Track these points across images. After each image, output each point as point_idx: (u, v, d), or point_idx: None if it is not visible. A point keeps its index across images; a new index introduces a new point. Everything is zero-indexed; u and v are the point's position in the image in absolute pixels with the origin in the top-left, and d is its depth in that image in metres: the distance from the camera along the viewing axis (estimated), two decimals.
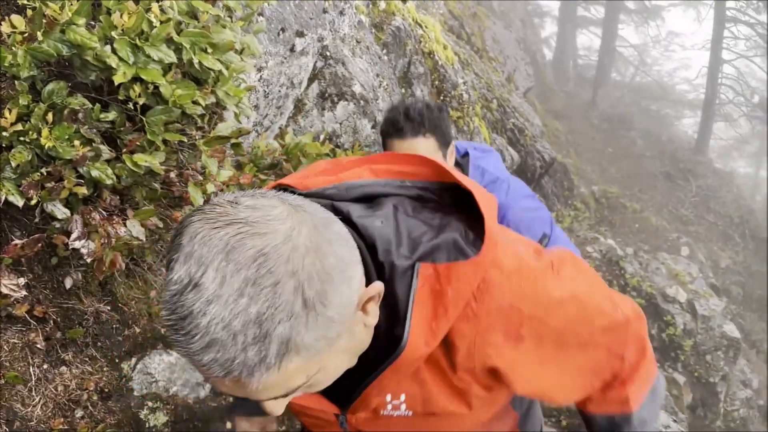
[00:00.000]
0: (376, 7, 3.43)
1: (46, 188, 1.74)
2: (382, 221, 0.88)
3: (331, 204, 0.90)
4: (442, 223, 0.89)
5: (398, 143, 1.89)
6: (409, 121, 1.87)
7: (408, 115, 1.87)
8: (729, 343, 8.49)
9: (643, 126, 19.85)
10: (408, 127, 1.87)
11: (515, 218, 1.96)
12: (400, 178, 0.96)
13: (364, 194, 0.94)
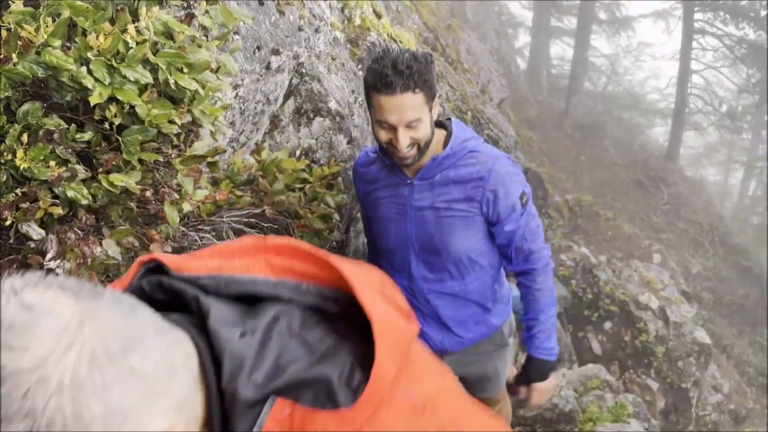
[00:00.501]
0: (352, 23, 3.47)
1: (21, 209, 1.74)
2: (245, 334, 0.67)
3: (197, 297, 0.71)
4: (329, 351, 0.68)
5: (386, 99, 1.84)
6: (398, 74, 1.81)
7: (396, 68, 1.80)
8: (700, 349, 8.65)
9: (615, 134, 20.18)
10: (398, 82, 1.81)
11: (501, 169, 2.03)
12: (299, 280, 0.74)
13: (247, 293, 0.73)
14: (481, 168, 2.03)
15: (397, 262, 2.25)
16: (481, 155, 2.06)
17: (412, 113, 1.86)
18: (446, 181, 2.07)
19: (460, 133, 2.09)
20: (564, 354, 8.15)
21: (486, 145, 2.15)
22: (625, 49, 26.26)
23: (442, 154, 2.04)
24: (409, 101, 1.84)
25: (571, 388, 5.14)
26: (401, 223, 2.17)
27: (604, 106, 23.29)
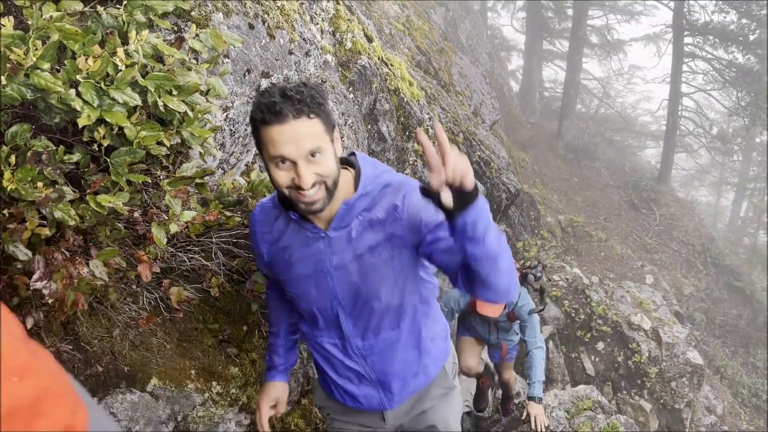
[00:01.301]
0: (343, 46, 3.51)
1: (8, 230, 1.75)
2: None
3: None
4: None
5: (278, 130, 1.60)
6: (288, 100, 1.59)
7: (285, 95, 1.59)
8: (693, 370, 8.65)
9: (607, 156, 20.33)
10: (289, 108, 1.59)
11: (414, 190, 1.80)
12: None
13: None
14: (394, 197, 1.81)
15: (325, 323, 2.02)
16: (393, 186, 1.84)
17: (312, 142, 1.63)
18: (364, 226, 1.83)
19: (369, 169, 1.86)
20: (557, 374, 8.13)
21: (398, 175, 1.92)
22: (617, 72, 26.55)
23: (354, 197, 1.81)
24: (306, 128, 1.62)
25: (562, 409, 5.12)
26: (322, 283, 1.92)
27: (596, 128, 23.49)
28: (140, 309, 2.34)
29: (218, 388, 2.51)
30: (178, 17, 2.24)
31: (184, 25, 2.23)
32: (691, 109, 20.96)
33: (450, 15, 14.71)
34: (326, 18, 3.30)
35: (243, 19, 2.43)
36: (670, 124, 19.49)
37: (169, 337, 2.47)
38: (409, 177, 1.93)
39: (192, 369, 2.45)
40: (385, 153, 3.90)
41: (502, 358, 4.89)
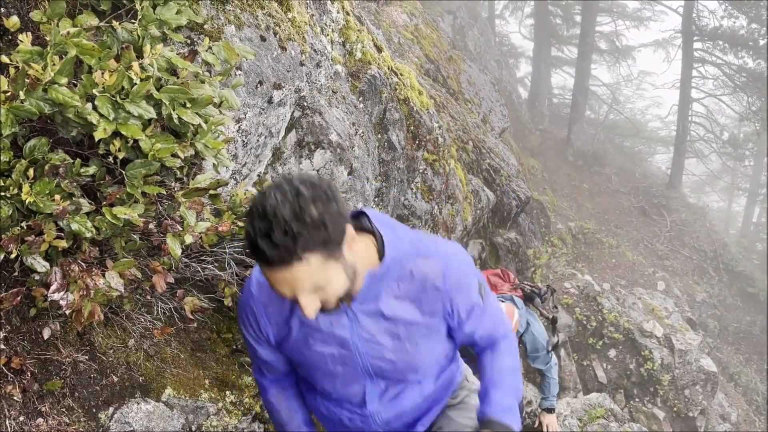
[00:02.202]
0: (353, 56, 3.54)
1: (26, 242, 1.78)
2: None
3: None
4: None
5: (267, 270, 1.39)
6: (273, 247, 1.31)
7: (271, 240, 1.30)
8: (706, 377, 8.58)
9: (617, 162, 20.27)
10: (275, 255, 1.32)
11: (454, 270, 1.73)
12: None
13: None
14: (433, 275, 1.67)
15: (345, 396, 1.86)
16: (428, 260, 1.68)
17: (309, 282, 1.39)
18: (397, 296, 1.67)
19: (389, 233, 1.67)
20: (569, 382, 8.09)
21: (425, 238, 1.78)
22: (626, 78, 26.49)
23: (381, 268, 1.62)
24: (299, 272, 1.36)
25: (575, 417, 5.10)
26: (350, 360, 1.74)
27: (606, 135, 23.42)
28: (155, 319, 2.37)
29: (232, 398, 2.52)
30: (191, 30, 2.27)
31: (197, 39, 2.26)
32: (702, 114, 20.87)
33: (458, 23, 14.76)
34: (336, 29, 3.33)
35: (255, 32, 2.46)
36: (680, 129, 19.42)
37: (183, 347, 2.49)
38: (440, 241, 1.77)
39: (206, 379, 2.47)
40: (395, 162, 3.93)
41: None
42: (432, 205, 4.48)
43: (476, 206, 5.97)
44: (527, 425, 5.19)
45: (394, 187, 3.98)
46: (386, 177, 3.85)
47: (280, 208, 1.30)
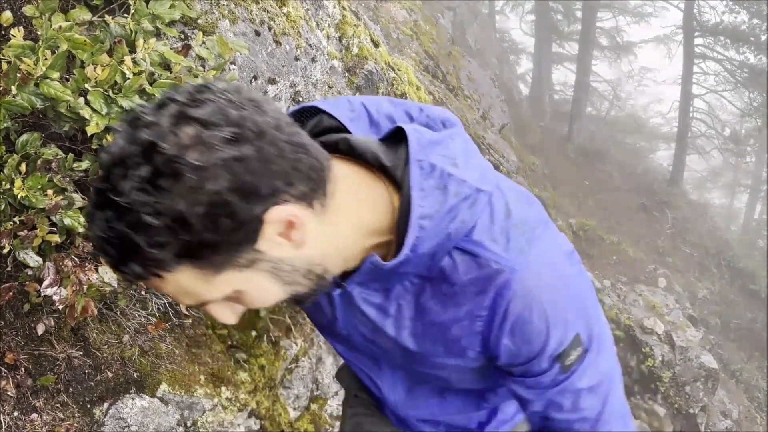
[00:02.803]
0: (349, 51, 3.53)
1: (18, 237, 1.77)
2: None
3: None
4: None
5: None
6: (111, 258, 0.77)
7: (105, 252, 0.76)
8: (707, 374, 8.58)
9: (618, 159, 20.23)
10: (122, 268, 0.77)
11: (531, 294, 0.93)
12: None
13: None
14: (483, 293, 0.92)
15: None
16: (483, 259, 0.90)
17: (192, 298, 0.84)
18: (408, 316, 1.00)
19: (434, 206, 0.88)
20: None
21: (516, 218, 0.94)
22: (627, 74, 26.48)
23: (393, 262, 0.90)
24: (168, 289, 0.82)
25: None
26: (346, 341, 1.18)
27: (607, 131, 23.39)
28: (149, 315, 2.36)
29: (227, 394, 2.52)
30: (185, 25, 2.26)
31: (191, 33, 2.25)
32: (703, 110, 20.86)
33: (458, 19, 14.73)
34: (332, 24, 3.32)
35: (249, 26, 2.45)
36: (681, 125, 19.39)
37: (178, 342, 2.49)
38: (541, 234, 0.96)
39: (201, 374, 2.46)
40: None
41: None
42: None
43: None
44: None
45: None
46: None
47: (118, 191, 0.71)
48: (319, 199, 0.83)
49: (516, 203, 0.94)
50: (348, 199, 0.88)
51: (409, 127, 0.93)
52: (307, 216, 0.81)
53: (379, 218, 0.91)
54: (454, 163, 0.90)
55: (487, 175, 0.94)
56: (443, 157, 0.90)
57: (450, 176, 0.88)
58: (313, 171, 0.81)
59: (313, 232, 0.83)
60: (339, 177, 0.87)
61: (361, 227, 0.90)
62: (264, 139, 0.74)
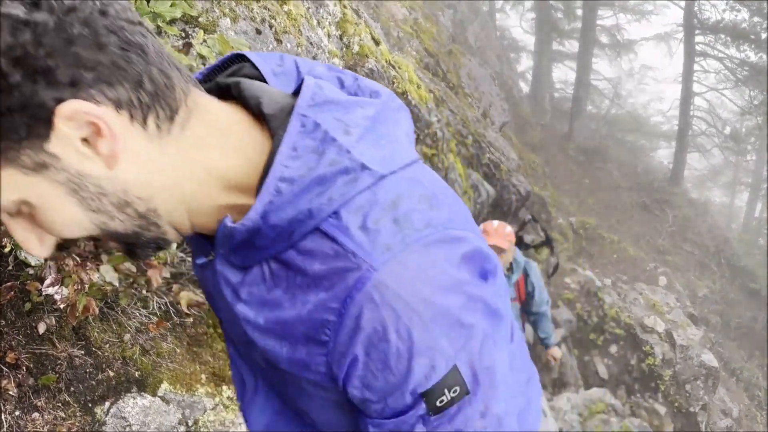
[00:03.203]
0: (350, 50, 3.52)
1: None
2: None
3: None
4: None
5: None
6: None
7: None
8: (708, 372, 8.58)
9: (619, 157, 20.24)
10: None
11: (392, 297, 0.73)
12: None
13: None
14: (333, 290, 0.73)
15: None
16: (341, 248, 0.72)
17: None
18: (259, 295, 0.80)
19: (296, 163, 0.72)
20: (570, 378, 8.09)
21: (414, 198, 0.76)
22: (628, 72, 26.49)
23: (238, 226, 0.73)
24: None
25: (575, 412, 5.10)
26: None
27: (608, 129, 23.40)
28: (150, 314, 2.36)
29: (229, 393, 2.52)
30: (186, 23, 2.26)
31: (192, 31, 2.25)
32: (704, 108, 20.86)
33: (458, 17, 14.72)
34: (333, 22, 3.32)
35: (250, 25, 2.45)
36: (682, 124, 19.39)
37: (179, 341, 2.48)
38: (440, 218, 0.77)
39: (202, 373, 2.46)
40: None
41: None
42: None
43: (476, 201, 5.96)
44: None
45: None
46: None
47: None
48: (158, 119, 0.69)
49: (414, 199, 0.75)
50: (207, 138, 0.73)
51: (312, 80, 0.79)
52: (126, 129, 0.66)
53: (245, 173, 0.75)
54: (346, 130, 0.75)
55: (395, 158, 0.78)
56: (336, 120, 0.75)
57: (333, 141, 0.73)
58: (150, 82, 0.67)
59: (136, 154, 0.68)
60: (203, 111, 0.73)
61: (219, 176, 0.74)
62: (75, 16, 0.61)
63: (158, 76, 0.67)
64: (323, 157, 0.72)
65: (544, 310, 4.33)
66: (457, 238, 0.75)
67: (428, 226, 0.73)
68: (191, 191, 0.74)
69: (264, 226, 0.72)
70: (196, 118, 0.72)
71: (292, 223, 0.72)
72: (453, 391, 0.73)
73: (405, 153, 0.80)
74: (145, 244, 0.77)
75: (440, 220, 0.75)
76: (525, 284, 4.27)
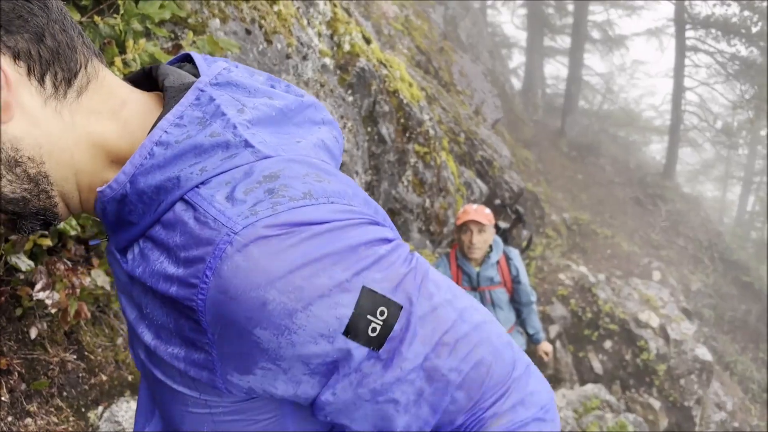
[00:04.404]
0: (341, 49, 3.51)
1: (10, 241, 1.76)
2: None
3: None
4: None
5: None
6: None
7: None
8: (702, 366, 8.61)
9: (611, 153, 20.28)
10: None
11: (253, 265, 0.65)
12: None
13: None
14: (192, 262, 0.64)
15: None
16: (202, 214, 0.65)
17: None
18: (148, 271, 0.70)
19: (177, 130, 0.68)
20: (565, 374, 8.11)
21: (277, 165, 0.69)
22: (620, 68, 26.54)
23: (108, 189, 0.69)
24: None
25: (570, 408, 5.11)
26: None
27: (600, 125, 23.43)
28: None
29: None
30: (175, 24, 2.24)
31: (181, 33, 2.24)
32: (695, 103, 20.92)
33: (449, 14, 14.71)
34: (324, 21, 3.30)
35: (240, 25, 2.43)
36: (674, 118, 19.45)
37: None
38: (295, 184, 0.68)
39: None
40: (385, 155, 3.91)
41: None
42: (423, 198, 4.47)
43: (469, 198, 5.97)
44: None
45: (385, 181, 3.96)
46: (376, 170, 3.84)
47: None
48: (56, 79, 0.66)
49: (298, 173, 0.68)
50: (101, 109, 0.71)
51: (224, 63, 0.77)
52: (22, 83, 0.64)
53: (133, 148, 0.71)
54: (241, 109, 0.71)
55: (292, 147, 0.72)
56: (233, 99, 0.72)
57: (222, 116, 0.69)
58: (51, 38, 0.65)
59: (30, 112, 0.65)
60: (101, 81, 0.72)
61: (107, 149, 0.71)
62: None
63: (60, 35, 0.66)
64: (206, 128, 0.68)
65: (533, 300, 4.37)
66: (344, 211, 0.67)
67: (308, 196, 0.65)
68: (81, 162, 0.70)
69: (131, 191, 0.68)
70: (93, 87, 0.70)
71: (159, 190, 0.67)
72: (380, 313, 0.65)
73: (309, 152, 0.74)
74: (32, 215, 0.71)
75: (324, 192, 0.67)
76: (508, 267, 4.31)
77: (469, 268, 4.22)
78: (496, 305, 4.30)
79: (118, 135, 0.71)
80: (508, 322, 4.39)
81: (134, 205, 0.68)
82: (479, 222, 4.00)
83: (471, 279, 4.24)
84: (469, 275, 4.23)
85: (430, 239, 4.71)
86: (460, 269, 4.25)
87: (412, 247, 4.38)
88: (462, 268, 4.24)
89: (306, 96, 0.82)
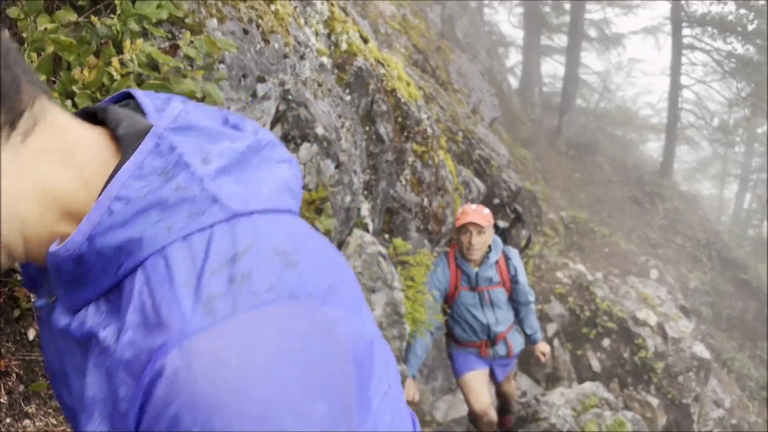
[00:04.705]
0: (338, 48, 3.51)
1: None
2: None
3: None
4: None
5: None
6: None
7: None
8: (700, 364, 8.63)
9: (609, 151, 20.30)
10: None
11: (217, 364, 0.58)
12: None
13: None
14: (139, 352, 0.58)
15: None
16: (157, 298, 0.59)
17: None
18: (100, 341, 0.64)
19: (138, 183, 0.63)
20: (563, 372, 8.12)
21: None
22: (616, 66, 26.58)
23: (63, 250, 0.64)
24: None
25: (569, 407, 5.12)
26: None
27: (597, 123, 23.46)
28: None
29: None
30: (172, 25, 2.24)
31: (179, 33, 2.23)
32: (692, 101, 20.95)
33: (447, 13, 14.71)
34: (321, 20, 3.31)
35: (237, 25, 2.43)
36: (671, 116, 19.49)
37: None
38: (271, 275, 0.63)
39: None
40: (383, 154, 3.91)
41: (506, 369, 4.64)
42: (422, 197, 4.47)
43: (467, 197, 5.97)
44: (521, 416, 5.21)
45: (383, 180, 3.96)
46: (375, 169, 3.84)
47: None
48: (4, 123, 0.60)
49: (265, 253, 0.62)
50: (49, 154, 0.64)
51: (180, 105, 0.71)
52: None
53: (86, 199, 0.65)
54: (206, 159, 0.66)
55: (259, 199, 0.67)
56: (196, 147, 0.66)
57: (186, 167, 0.64)
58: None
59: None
60: (50, 122, 0.64)
61: (57, 199, 0.64)
62: None
63: (2, 72, 0.59)
64: (170, 181, 0.62)
65: (531, 300, 4.38)
66: (303, 316, 0.61)
67: (271, 290, 0.60)
68: (26, 211, 0.63)
69: (88, 251, 0.62)
70: (41, 129, 0.63)
71: (120, 252, 0.61)
72: None
73: (275, 197, 0.69)
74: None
75: (290, 285, 0.61)
76: (507, 267, 4.32)
77: (468, 269, 4.22)
78: (494, 305, 4.29)
79: (72, 187, 0.64)
80: (507, 322, 4.38)
81: (93, 264, 0.63)
82: (478, 224, 4.02)
83: (470, 279, 4.24)
84: (468, 275, 4.24)
85: (428, 238, 4.72)
86: (459, 269, 4.25)
87: (410, 246, 4.39)
88: (461, 268, 4.24)
89: (260, 133, 0.76)
